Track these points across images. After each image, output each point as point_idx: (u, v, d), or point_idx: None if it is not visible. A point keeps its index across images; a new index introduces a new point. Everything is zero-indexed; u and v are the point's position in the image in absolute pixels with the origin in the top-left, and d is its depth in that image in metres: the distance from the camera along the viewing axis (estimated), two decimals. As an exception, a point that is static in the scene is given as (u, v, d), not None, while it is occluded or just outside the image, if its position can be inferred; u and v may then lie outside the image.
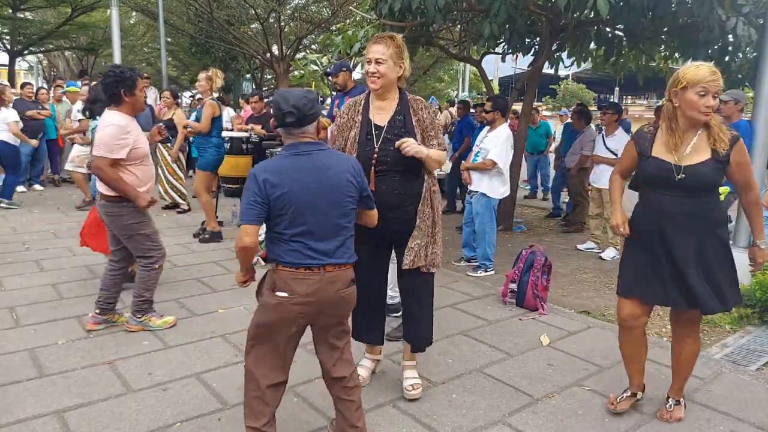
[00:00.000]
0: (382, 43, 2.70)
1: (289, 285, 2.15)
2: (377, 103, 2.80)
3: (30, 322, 3.83)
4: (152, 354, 3.41)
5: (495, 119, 5.34)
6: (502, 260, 5.49)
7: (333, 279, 2.20)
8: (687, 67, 2.45)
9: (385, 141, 2.73)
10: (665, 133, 2.56)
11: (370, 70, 2.69)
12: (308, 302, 2.17)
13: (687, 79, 2.41)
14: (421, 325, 2.96)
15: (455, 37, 8.58)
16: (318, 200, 2.15)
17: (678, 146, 2.52)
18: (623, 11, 5.40)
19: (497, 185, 5.22)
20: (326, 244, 2.18)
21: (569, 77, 28.51)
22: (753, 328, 4.19)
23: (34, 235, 6.15)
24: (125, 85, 3.44)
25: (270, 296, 2.20)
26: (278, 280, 2.18)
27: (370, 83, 2.73)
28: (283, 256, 2.17)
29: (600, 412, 2.90)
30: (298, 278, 2.15)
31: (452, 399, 2.98)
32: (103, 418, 2.70)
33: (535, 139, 9.44)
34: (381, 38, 2.72)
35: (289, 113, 2.12)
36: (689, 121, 2.50)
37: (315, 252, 2.16)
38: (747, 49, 5.80)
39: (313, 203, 2.14)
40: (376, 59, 2.68)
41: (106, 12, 17.04)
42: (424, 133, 2.79)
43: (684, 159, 2.51)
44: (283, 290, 2.16)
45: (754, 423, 2.83)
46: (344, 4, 15.36)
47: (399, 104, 2.80)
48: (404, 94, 2.83)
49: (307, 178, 2.14)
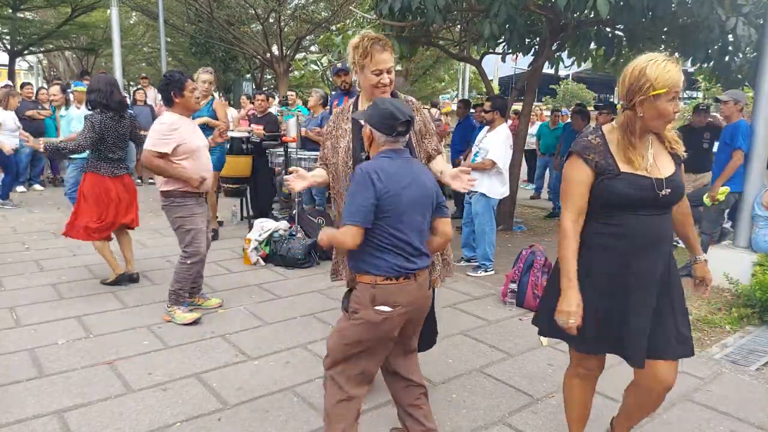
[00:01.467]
0: (388, 50, 2.58)
1: (393, 296, 2.09)
2: (365, 106, 2.63)
3: (30, 322, 3.83)
4: (152, 354, 3.41)
5: (494, 119, 5.34)
6: (502, 260, 5.49)
7: (424, 284, 2.19)
8: (655, 69, 1.97)
9: None
10: (623, 145, 2.05)
11: (384, 82, 2.57)
12: (408, 311, 2.14)
13: (661, 85, 1.94)
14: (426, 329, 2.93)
15: (455, 37, 8.58)
16: (414, 206, 2.13)
17: (642, 157, 2.04)
18: (623, 11, 5.40)
19: (497, 185, 5.22)
20: (417, 250, 2.15)
21: (569, 77, 28.48)
22: (753, 328, 4.19)
23: (34, 235, 6.15)
24: (175, 87, 3.75)
25: (372, 312, 2.09)
26: (378, 294, 2.09)
27: (382, 93, 2.58)
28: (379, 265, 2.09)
29: (600, 411, 2.90)
30: (403, 289, 2.11)
31: (452, 399, 2.98)
32: (103, 418, 2.70)
33: (550, 140, 9.21)
34: (385, 45, 2.58)
35: (406, 122, 2.11)
36: (648, 129, 2.05)
37: (412, 258, 2.12)
38: (747, 49, 5.80)
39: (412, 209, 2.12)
40: (387, 69, 2.57)
41: (106, 12, 17.03)
42: (419, 136, 2.72)
43: (654, 171, 2.04)
44: (386, 304, 2.08)
45: (754, 423, 2.83)
46: (344, 4, 15.37)
47: None
48: (396, 95, 2.73)
49: (409, 184, 2.11)
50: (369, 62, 2.53)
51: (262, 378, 3.14)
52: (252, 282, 4.85)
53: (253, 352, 3.47)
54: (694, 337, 4.04)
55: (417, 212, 2.14)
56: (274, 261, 5.35)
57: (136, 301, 4.28)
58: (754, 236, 4.99)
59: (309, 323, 3.94)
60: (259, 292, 4.62)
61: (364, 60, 2.54)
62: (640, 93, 1.96)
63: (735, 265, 4.87)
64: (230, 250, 5.83)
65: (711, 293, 4.86)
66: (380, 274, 2.08)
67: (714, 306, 4.58)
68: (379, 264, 2.09)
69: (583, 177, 2.05)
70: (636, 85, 1.98)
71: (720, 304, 4.61)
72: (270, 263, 5.37)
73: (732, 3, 4.95)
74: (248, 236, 5.44)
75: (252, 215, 6.86)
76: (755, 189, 5.02)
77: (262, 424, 2.70)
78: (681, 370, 3.35)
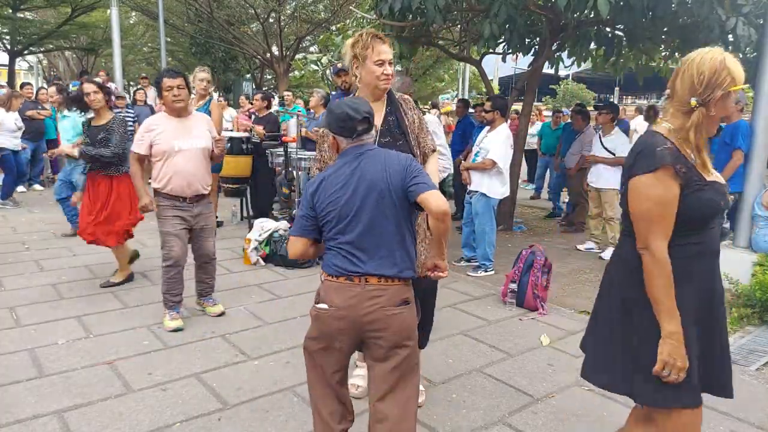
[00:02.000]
0: (387, 42, 2.60)
1: (329, 295, 2.03)
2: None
3: (30, 322, 3.83)
4: (152, 354, 3.41)
5: (494, 119, 5.34)
6: (502, 260, 5.49)
7: (376, 294, 1.97)
8: (733, 63, 1.74)
9: (383, 145, 2.61)
10: (694, 148, 1.81)
11: (386, 72, 2.58)
12: (344, 317, 1.99)
13: (739, 80, 1.73)
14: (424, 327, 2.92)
15: (455, 37, 8.58)
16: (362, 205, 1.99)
17: (706, 162, 1.83)
18: (623, 11, 5.39)
19: (497, 185, 5.22)
20: (367, 253, 1.99)
21: (569, 77, 28.48)
22: (753, 328, 4.19)
23: (34, 235, 6.15)
24: (157, 89, 3.81)
25: (313, 308, 2.09)
26: (321, 290, 2.07)
27: (384, 84, 2.61)
28: (326, 263, 2.07)
29: (600, 412, 2.90)
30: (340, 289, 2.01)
31: (452, 399, 2.98)
32: (103, 418, 2.70)
33: (552, 140, 9.12)
34: (381, 37, 2.60)
35: (365, 119, 2.06)
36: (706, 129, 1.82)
37: (358, 261, 1.99)
38: (747, 49, 5.79)
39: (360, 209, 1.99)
40: (389, 60, 2.58)
41: (106, 12, 17.03)
42: (416, 133, 2.73)
43: (711, 176, 1.84)
44: (323, 301, 2.04)
45: (754, 423, 2.83)
46: (344, 4, 15.38)
47: (389, 104, 2.71)
48: (392, 93, 2.74)
49: (346, 184, 2.01)
50: (371, 53, 2.55)
51: (262, 378, 3.14)
52: (252, 282, 4.85)
53: (253, 352, 3.47)
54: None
55: (368, 210, 1.97)
56: (274, 261, 5.35)
57: (136, 301, 4.28)
58: (754, 236, 4.99)
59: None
60: (259, 292, 4.61)
61: (365, 51, 2.55)
62: (720, 88, 1.73)
63: (735, 265, 4.86)
64: (230, 250, 5.83)
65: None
66: (325, 271, 2.07)
67: (714, 306, 4.58)
68: (326, 262, 2.07)
69: (675, 192, 1.75)
70: (717, 79, 1.72)
71: (720, 304, 4.60)
72: (270, 263, 5.37)
73: (732, 3, 4.95)
74: (248, 236, 5.44)
75: (252, 215, 6.86)
76: (755, 189, 5.02)
77: (262, 424, 2.70)
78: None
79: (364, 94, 2.67)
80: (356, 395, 2.85)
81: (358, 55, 2.57)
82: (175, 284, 3.84)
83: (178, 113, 3.78)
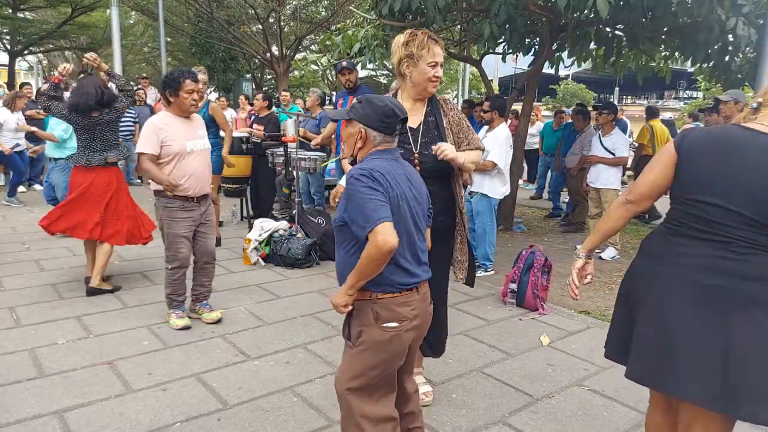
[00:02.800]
0: (440, 44, 2.56)
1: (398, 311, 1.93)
2: (407, 105, 2.59)
3: (30, 322, 3.83)
4: (152, 354, 3.41)
5: (493, 119, 5.33)
6: (502, 260, 5.49)
7: (426, 296, 2.05)
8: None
9: (422, 145, 2.58)
10: None
11: (437, 74, 2.55)
12: (415, 326, 1.98)
13: None
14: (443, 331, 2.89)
15: (455, 37, 8.58)
16: (412, 210, 1.97)
17: None
18: (623, 11, 5.40)
19: (498, 185, 5.22)
20: (417, 260, 2.00)
21: (569, 77, 28.51)
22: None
23: (34, 235, 6.15)
24: (171, 86, 3.65)
25: (377, 330, 1.92)
26: (381, 309, 1.92)
27: (432, 87, 2.58)
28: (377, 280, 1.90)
29: (600, 412, 2.91)
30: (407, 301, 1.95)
31: (452, 399, 2.98)
32: (103, 418, 2.70)
33: (553, 140, 9.09)
34: (437, 39, 2.56)
35: (404, 120, 2.04)
36: None
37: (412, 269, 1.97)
38: (747, 49, 5.80)
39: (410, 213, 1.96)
40: (441, 63, 2.56)
41: (106, 12, 17.03)
42: (456, 134, 2.68)
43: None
44: (391, 320, 1.92)
45: (753, 423, 2.83)
46: (344, 4, 15.38)
47: (429, 105, 2.68)
48: (433, 94, 2.70)
49: (407, 185, 1.97)
50: (426, 54, 2.51)
51: (262, 378, 3.14)
52: (252, 282, 4.85)
53: (253, 352, 3.47)
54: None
55: (415, 216, 1.99)
56: (274, 261, 5.35)
57: (136, 301, 4.28)
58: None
59: (309, 323, 3.94)
60: (259, 292, 4.62)
61: (421, 51, 2.51)
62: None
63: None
64: (230, 250, 5.83)
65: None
66: (378, 288, 1.92)
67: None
68: (376, 278, 1.89)
69: None
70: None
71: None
72: (270, 263, 5.37)
73: (732, 3, 4.95)
74: (248, 236, 5.44)
75: (252, 215, 6.86)
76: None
77: (262, 424, 2.70)
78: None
79: (409, 94, 2.65)
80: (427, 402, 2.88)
81: (414, 55, 2.52)
82: (180, 285, 3.86)
83: (189, 115, 3.80)
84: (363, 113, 2.00)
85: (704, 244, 1.80)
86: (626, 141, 6.35)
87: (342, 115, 2.10)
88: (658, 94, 37.09)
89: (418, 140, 2.60)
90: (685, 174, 1.86)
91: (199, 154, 3.77)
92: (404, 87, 2.66)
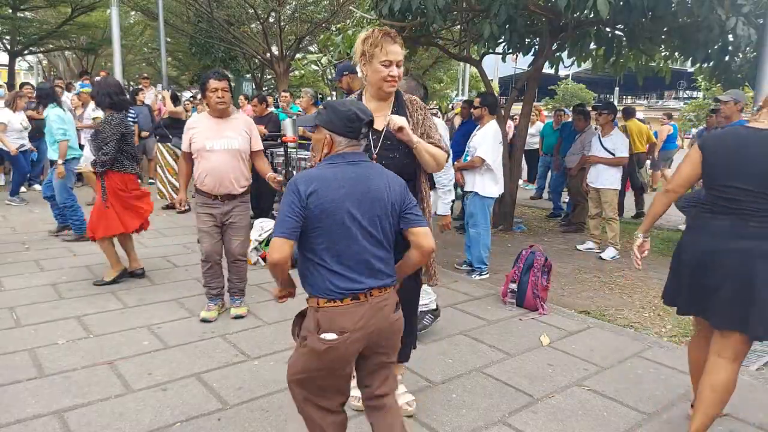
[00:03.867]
0: (398, 42, 2.48)
1: (338, 321, 1.88)
2: (372, 105, 2.52)
3: (30, 322, 3.83)
4: (152, 354, 3.41)
5: (483, 115, 5.28)
6: (502, 260, 5.49)
7: (383, 305, 1.95)
8: None
9: (384, 147, 2.52)
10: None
11: (392, 74, 2.46)
12: (359, 339, 1.91)
13: None
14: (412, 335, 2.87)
15: (455, 37, 8.58)
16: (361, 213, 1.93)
17: None
18: (623, 11, 5.40)
19: (490, 184, 5.13)
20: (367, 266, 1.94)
21: (569, 77, 28.52)
22: (753, 328, 4.19)
23: (34, 235, 6.15)
24: (201, 87, 3.88)
25: (316, 340, 1.90)
26: (322, 318, 1.90)
27: (388, 87, 2.50)
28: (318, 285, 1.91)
29: (600, 411, 2.91)
30: (348, 312, 1.89)
31: (452, 399, 2.98)
32: (103, 418, 2.70)
33: (554, 140, 9.01)
34: (394, 36, 2.47)
35: (369, 122, 2.02)
36: None
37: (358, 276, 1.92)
38: (747, 49, 5.80)
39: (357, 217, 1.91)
40: (397, 62, 2.47)
41: (106, 12, 17.03)
42: (420, 136, 2.60)
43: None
44: (330, 330, 1.88)
45: (754, 423, 2.83)
46: (344, 4, 15.38)
47: (395, 106, 2.61)
48: (400, 94, 2.64)
49: (352, 187, 1.92)
50: (379, 52, 2.45)
51: (262, 378, 3.14)
52: (252, 282, 4.84)
53: (253, 352, 3.47)
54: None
55: (364, 220, 1.91)
56: (274, 261, 5.33)
57: (137, 301, 4.28)
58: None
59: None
60: (259, 292, 4.61)
61: (373, 50, 2.45)
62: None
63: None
64: (230, 250, 5.83)
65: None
66: (321, 295, 1.90)
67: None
68: (318, 283, 1.90)
69: None
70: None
71: (720, 304, 4.61)
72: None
73: (732, 3, 4.95)
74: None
75: (252, 215, 6.84)
76: (755, 189, 5.02)
77: (262, 424, 2.70)
78: (681, 369, 3.36)
79: (370, 94, 2.60)
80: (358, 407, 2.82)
81: (366, 52, 2.47)
82: (211, 278, 4.04)
83: (220, 114, 3.88)
84: (328, 119, 1.99)
85: (730, 218, 2.38)
86: (626, 141, 6.35)
87: (309, 121, 2.12)
88: (658, 94, 37.12)
89: (379, 142, 2.53)
90: (709, 167, 2.46)
91: (219, 153, 3.83)
92: (366, 87, 2.61)
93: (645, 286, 5.08)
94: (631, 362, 3.48)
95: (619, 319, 4.28)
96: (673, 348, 3.75)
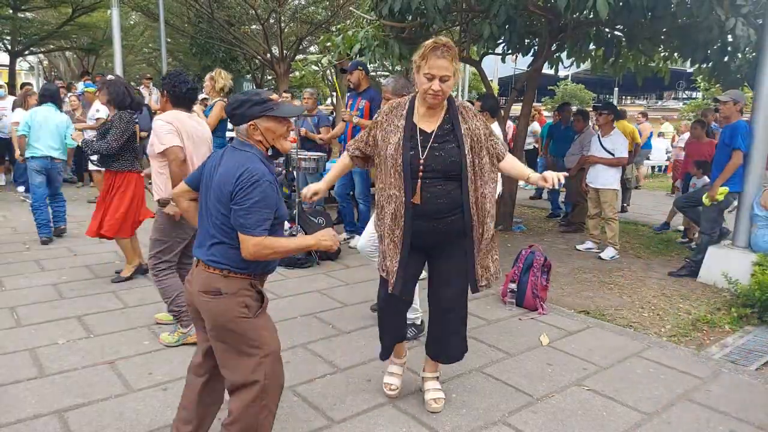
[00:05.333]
0: (448, 57, 2.44)
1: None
2: (422, 110, 2.60)
3: (30, 322, 3.83)
4: (152, 354, 3.41)
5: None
6: (502, 260, 5.45)
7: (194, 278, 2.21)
8: None
9: (432, 148, 2.56)
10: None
11: (434, 89, 2.46)
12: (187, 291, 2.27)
13: None
14: (459, 337, 2.84)
15: (455, 37, 8.58)
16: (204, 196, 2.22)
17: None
18: (623, 12, 5.40)
19: None
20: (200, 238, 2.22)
21: (569, 78, 28.49)
22: (752, 327, 4.20)
23: (34, 235, 6.15)
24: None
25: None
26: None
27: (431, 100, 2.51)
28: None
29: (599, 411, 2.91)
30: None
31: (452, 399, 2.99)
32: (104, 418, 2.70)
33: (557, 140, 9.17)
34: (446, 49, 2.44)
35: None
36: None
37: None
38: (746, 50, 5.81)
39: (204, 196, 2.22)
40: (441, 77, 2.46)
41: (107, 12, 17.04)
42: (474, 142, 2.60)
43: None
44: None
45: (754, 423, 2.84)
46: (344, 5, 15.38)
47: (448, 111, 2.63)
48: (452, 99, 2.64)
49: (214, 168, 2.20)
50: (423, 64, 2.46)
51: (262, 378, 3.14)
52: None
53: (253, 352, 3.47)
54: (694, 337, 4.05)
55: (202, 201, 2.22)
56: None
57: (137, 301, 4.29)
58: (753, 236, 4.99)
59: (309, 323, 3.94)
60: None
61: (420, 61, 2.48)
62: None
63: (734, 264, 4.87)
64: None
65: (710, 293, 4.90)
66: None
67: (713, 306, 4.59)
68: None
69: None
70: None
71: (719, 304, 4.61)
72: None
73: (731, 3, 4.95)
74: (248, 236, 5.44)
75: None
76: (754, 189, 5.03)
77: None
78: (680, 369, 3.37)
79: (419, 100, 2.63)
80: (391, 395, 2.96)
81: (416, 62, 2.51)
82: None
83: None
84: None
85: None
86: (626, 141, 6.36)
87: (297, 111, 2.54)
88: (657, 94, 37.07)
89: (428, 143, 2.56)
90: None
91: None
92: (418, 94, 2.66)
93: (644, 286, 5.08)
94: (631, 362, 3.49)
95: (619, 319, 4.28)
96: (673, 348, 3.75)
